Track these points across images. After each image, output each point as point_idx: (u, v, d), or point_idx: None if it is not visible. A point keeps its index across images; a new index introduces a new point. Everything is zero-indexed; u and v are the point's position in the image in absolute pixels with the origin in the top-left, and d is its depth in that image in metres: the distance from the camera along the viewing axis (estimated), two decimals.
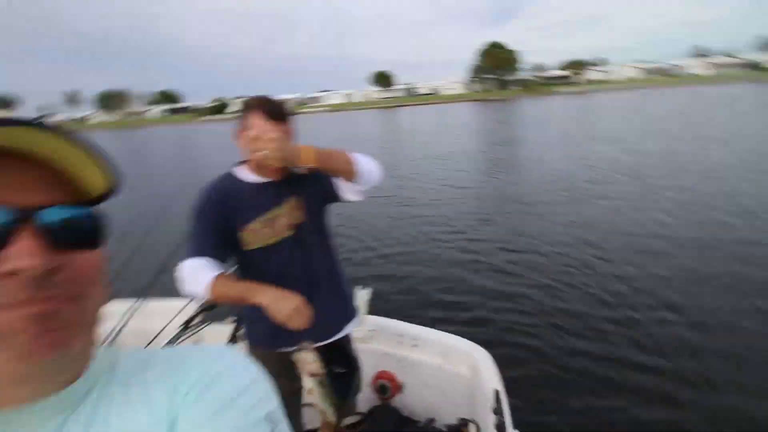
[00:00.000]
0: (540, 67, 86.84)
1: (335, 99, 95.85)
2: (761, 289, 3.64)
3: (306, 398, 1.18)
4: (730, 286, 3.75)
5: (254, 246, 1.27)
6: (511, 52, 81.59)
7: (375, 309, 2.03)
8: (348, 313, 1.51)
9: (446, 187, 8.53)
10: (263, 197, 1.27)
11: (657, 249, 4.65)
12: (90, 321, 0.38)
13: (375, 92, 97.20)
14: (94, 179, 0.38)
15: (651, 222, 5.49)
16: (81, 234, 0.37)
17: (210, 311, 2.19)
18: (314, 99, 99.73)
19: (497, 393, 1.49)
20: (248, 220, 1.25)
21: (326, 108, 74.84)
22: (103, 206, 0.41)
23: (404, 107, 64.13)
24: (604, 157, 10.26)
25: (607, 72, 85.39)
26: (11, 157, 0.34)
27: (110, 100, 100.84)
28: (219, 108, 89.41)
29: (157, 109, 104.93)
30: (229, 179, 1.29)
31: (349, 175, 1.23)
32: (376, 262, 4.97)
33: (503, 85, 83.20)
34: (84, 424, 0.36)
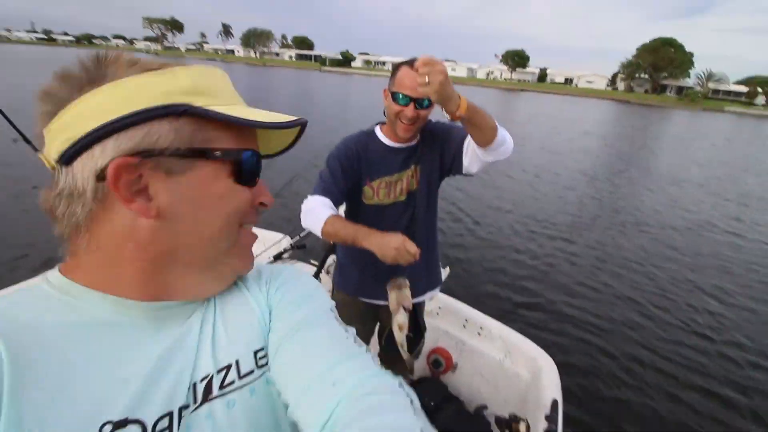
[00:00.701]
0: (716, 77, 71.25)
1: (458, 72, 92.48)
2: None
3: (394, 333, 1.28)
4: None
5: (371, 202, 1.39)
6: (684, 52, 68.64)
7: (449, 289, 2.04)
8: (432, 282, 1.59)
9: (555, 186, 7.88)
10: (391, 160, 1.37)
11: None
12: None
13: (502, 71, 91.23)
14: (278, 144, 0.54)
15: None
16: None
17: (299, 250, 2.43)
18: None
19: (555, 402, 1.43)
20: (374, 178, 1.37)
21: None
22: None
23: (529, 92, 59.42)
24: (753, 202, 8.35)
25: None
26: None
27: (254, 38, 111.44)
28: (344, 61, 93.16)
29: (290, 53, 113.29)
30: (369, 137, 1.38)
31: (490, 137, 1.17)
32: (463, 243, 4.92)
33: (660, 89, 71.30)
34: (220, 310, 0.49)
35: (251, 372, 0.46)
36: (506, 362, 1.80)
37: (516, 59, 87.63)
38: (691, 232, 6.01)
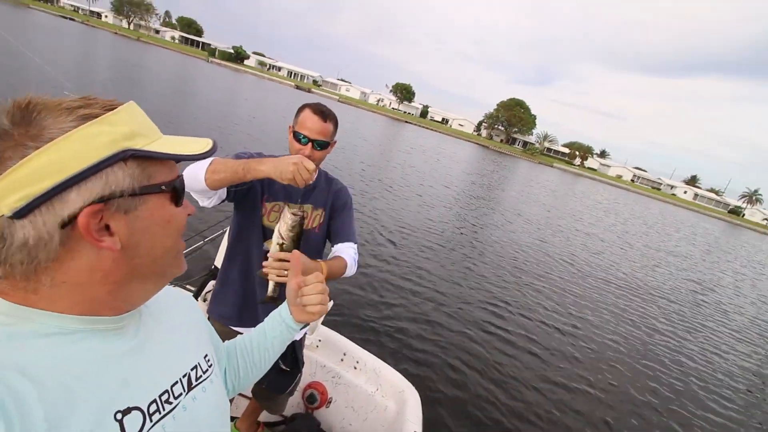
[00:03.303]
0: (549, 138, 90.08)
1: (352, 93, 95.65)
2: None
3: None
4: None
5: (264, 221, 1.44)
6: (530, 114, 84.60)
7: (329, 322, 2.11)
8: None
9: (426, 207, 8.77)
10: (291, 189, 1.45)
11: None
12: None
13: (390, 100, 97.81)
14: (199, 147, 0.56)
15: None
16: None
17: (179, 280, 2.23)
18: (332, 84, 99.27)
19: None
20: (273, 198, 1.43)
21: (337, 97, 74.48)
22: None
23: (411, 125, 64.98)
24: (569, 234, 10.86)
25: (604, 165, 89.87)
26: None
27: (129, 6, 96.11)
28: (236, 57, 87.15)
29: (173, 33, 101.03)
30: None
31: (339, 276, 1.42)
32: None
33: (511, 140, 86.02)
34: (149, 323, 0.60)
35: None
36: (377, 395, 1.95)
37: (404, 92, 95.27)
38: (534, 253, 7.40)
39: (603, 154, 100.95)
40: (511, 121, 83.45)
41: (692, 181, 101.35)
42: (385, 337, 3.91)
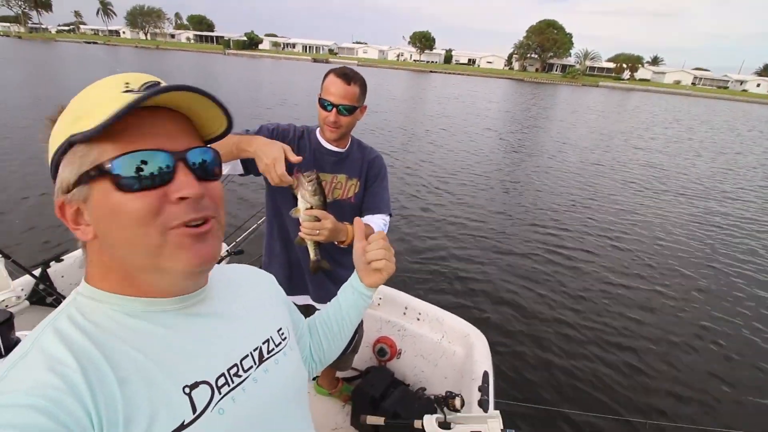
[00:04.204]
0: (591, 56, 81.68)
1: (370, 53, 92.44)
2: None
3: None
4: None
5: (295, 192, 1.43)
6: (565, 34, 76.99)
7: (388, 281, 2.15)
8: None
9: (464, 163, 8.51)
10: (321, 158, 1.43)
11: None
12: (221, 238, 0.54)
13: (411, 52, 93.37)
14: (215, 125, 0.53)
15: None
16: (211, 168, 0.51)
17: (237, 255, 2.38)
18: (348, 50, 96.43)
19: (486, 374, 1.63)
20: (304, 170, 1.40)
21: (356, 61, 72.35)
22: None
23: (436, 73, 61.94)
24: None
25: (658, 73, 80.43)
26: (162, 113, 0.47)
27: (142, 17, 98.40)
28: (250, 44, 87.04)
29: (187, 34, 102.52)
30: (307, 129, 1.46)
31: None
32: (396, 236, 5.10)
33: (548, 67, 79.29)
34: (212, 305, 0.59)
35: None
36: (443, 342, 1.99)
37: (423, 41, 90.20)
38: (590, 179, 7.01)
39: (656, 61, 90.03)
40: (545, 45, 76.54)
41: (766, 71, 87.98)
42: (442, 286, 3.95)
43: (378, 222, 1.44)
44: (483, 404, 1.50)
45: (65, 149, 0.46)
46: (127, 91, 0.45)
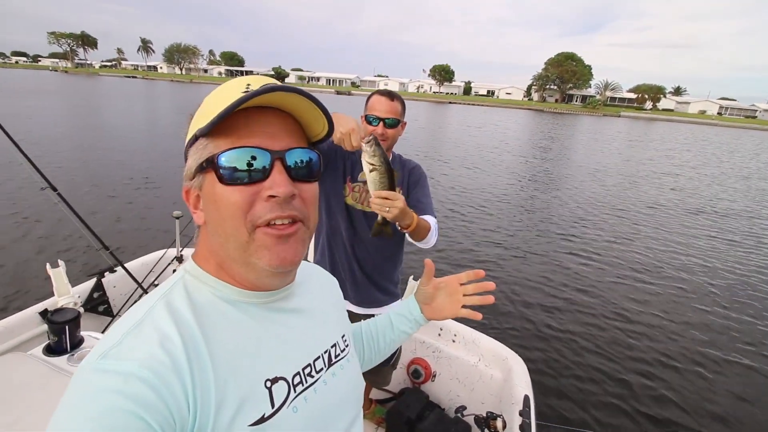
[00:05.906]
0: (611, 86, 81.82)
1: (391, 86, 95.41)
2: None
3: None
4: None
5: (346, 200, 1.52)
6: (584, 65, 77.80)
7: None
8: (390, 295, 1.71)
9: (493, 190, 8.50)
10: None
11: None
12: (308, 241, 0.55)
13: (431, 84, 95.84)
14: (319, 127, 0.54)
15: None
16: (309, 170, 0.53)
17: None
18: (370, 82, 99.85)
19: (527, 398, 1.58)
20: (354, 179, 1.52)
21: None
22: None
23: (455, 104, 63.00)
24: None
25: (682, 103, 79.46)
26: (271, 113, 0.50)
27: (179, 54, 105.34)
28: (278, 77, 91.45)
29: (219, 69, 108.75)
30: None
31: (420, 240, 1.42)
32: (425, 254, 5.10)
33: (567, 98, 79.76)
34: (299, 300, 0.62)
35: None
36: (480, 365, 1.94)
37: (443, 74, 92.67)
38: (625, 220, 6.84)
39: (678, 91, 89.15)
40: (564, 77, 77.18)
41: None
42: (475, 308, 3.87)
43: (430, 220, 1.47)
44: (525, 428, 1.45)
45: (192, 141, 0.51)
46: (246, 92, 0.48)
